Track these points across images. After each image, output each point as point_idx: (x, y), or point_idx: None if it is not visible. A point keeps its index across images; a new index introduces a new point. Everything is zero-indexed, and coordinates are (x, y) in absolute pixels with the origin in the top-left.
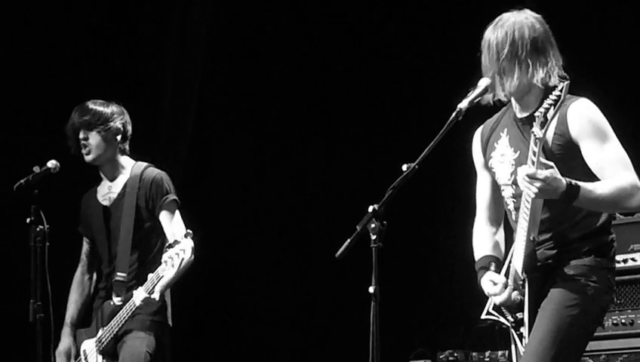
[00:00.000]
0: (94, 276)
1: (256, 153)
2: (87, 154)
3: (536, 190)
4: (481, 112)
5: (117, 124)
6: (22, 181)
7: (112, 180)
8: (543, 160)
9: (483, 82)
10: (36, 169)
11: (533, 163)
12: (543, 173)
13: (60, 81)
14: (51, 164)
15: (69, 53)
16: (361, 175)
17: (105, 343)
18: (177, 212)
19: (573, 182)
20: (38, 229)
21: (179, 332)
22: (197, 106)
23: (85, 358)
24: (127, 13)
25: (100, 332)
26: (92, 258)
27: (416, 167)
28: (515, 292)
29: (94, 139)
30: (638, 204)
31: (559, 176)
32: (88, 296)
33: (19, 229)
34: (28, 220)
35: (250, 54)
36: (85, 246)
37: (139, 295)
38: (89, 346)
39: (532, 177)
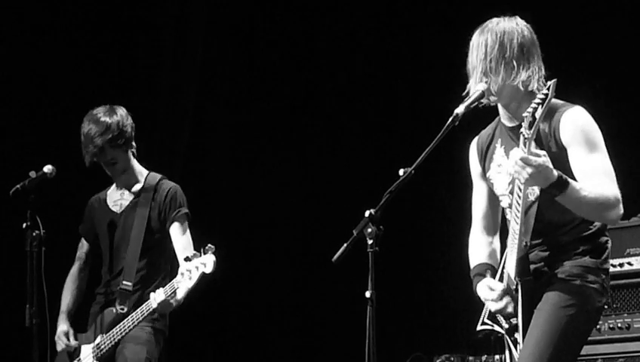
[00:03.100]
0: (88, 274)
1: (253, 159)
2: (116, 169)
3: (527, 175)
4: (477, 118)
5: (129, 129)
6: (18, 186)
7: (124, 187)
8: (534, 149)
9: (480, 87)
10: (32, 174)
11: None
12: (536, 160)
13: (55, 87)
14: (47, 168)
15: (65, 60)
16: (358, 179)
17: (104, 350)
18: (187, 225)
19: (564, 176)
20: (34, 234)
21: (177, 335)
22: (193, 114)
23: None
24: (124, 19)
25: (99, 339)
26: (90, 258)
27: (413, 171)
28: (512, 303)
29: (120, 154)
30: (616, 218)
31: (551, 165)
32: (82, 289)
33: (15, 234)
34: (24, 225)
35: (247, 60)
36: (85, 246)
37: (158, 296)
38: (85, 352)
39: (525, 161)
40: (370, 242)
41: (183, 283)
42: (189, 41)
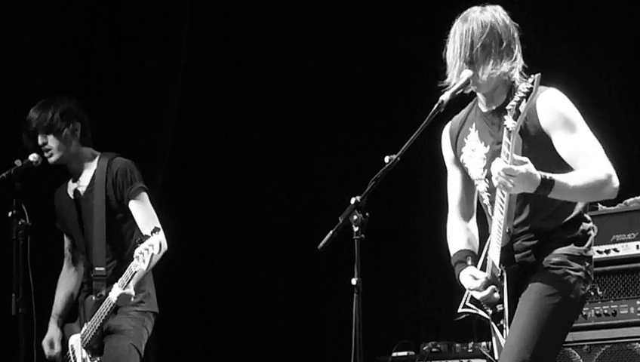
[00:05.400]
0: (81, 268)
1: (240, 144)
2: (50, 157)
3: (511, 186)
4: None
5: (73, 119)
6: (3, 174)
7: (79, 174)
8: (517, 156)
9: (465, 74)
10: (18, 162)
11: (507, 156)
12: (518, 169)
13: (39, 75)
14: (33, 157)
15: (50, 52)
16: (344, 166)
17: (88, 338)
18: (147, 199)
19: (548, 176)
20: (20, 223)
21: (162, 323)
22: (180, 97)
23: (73, 353)
24: (109, 11)
25: (85, 328)
26: (75, 252)
27: (398, 158)
28: (497, 293)
29: (53, 142)
30: (612, 192)
31: (534, 171)
32: (75, 288)
33: (0, 223)
34: (10, 214)
35: (233, 44)
36: (66, 242)
37: (115, 291)
38: (75, 341)
39: (508, 173)
40: (356, 229)
41: (139, 266)
42: (174, 32)
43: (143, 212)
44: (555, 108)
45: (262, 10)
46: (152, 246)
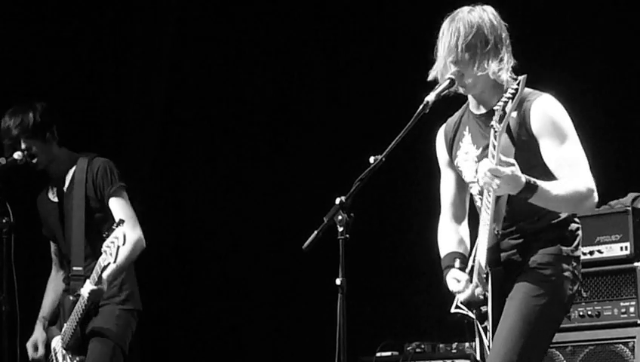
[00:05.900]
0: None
1: (226, 143)
2: (36, 163)
3: (496, 186)
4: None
5: (52, 122)
6: None
7: (59, 176)
8: (504, 158)
9: (450, 75)
10: (2, 160)
11: (493, 156)
12: (504, 170)
13: (24, 74)
14: (17, 155)
15: (35, 53)
16: (329, 166)
17: (67, 338)
18: (127, 198)
19: (532, 180)
20: (4, 221)
21: (147, 321)
22: (166, 93)
23: (55, 354)
24: (93, 13)
25: (64, 328)
26: (61, 256)
27: (384, 159)
28: (479, 288)
29: (38, 146)
30: (591, 207)
31: (519, 173)
32: (60, 292)
33: None
34: None
35: (220, 42)
36: (52, 246)
37: (86, 287)
38: (57, 342)
39: (494, 173)
40: (340, 229)
41: (107, 260)
42: (158, 34)
43: (122, 210)
44: (546, 115)
45: (250, 9)
46: (116, 238)
